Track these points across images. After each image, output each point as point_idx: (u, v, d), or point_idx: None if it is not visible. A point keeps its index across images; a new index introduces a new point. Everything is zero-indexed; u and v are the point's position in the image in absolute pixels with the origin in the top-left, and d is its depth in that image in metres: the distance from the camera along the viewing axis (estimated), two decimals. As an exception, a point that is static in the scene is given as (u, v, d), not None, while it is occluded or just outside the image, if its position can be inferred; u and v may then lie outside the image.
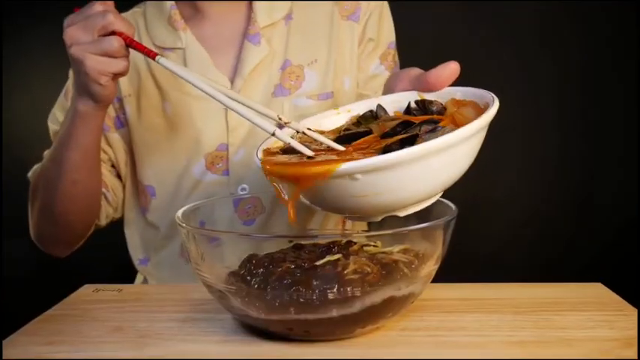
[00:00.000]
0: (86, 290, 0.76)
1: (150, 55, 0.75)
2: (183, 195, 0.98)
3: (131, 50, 0.78)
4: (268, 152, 0.65)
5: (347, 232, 0.76)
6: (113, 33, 0.77)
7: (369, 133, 0.64)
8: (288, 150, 0.64)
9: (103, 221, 1.01)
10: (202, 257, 0.60)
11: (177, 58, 0.97)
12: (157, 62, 0.73)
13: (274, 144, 0.67)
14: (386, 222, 0.62)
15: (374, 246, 0.63)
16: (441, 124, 0.61)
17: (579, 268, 1.63)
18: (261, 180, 0.92)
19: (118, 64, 0.78)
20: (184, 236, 0.62)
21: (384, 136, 0.62)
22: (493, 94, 0.63)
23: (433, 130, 0.60)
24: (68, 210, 0.91)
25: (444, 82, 0.67)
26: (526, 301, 0.69)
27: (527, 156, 1.69)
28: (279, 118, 0.67)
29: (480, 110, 0.63)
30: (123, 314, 0.68)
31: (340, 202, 0.57)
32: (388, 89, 0.75)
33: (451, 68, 0.67)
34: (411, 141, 0.58)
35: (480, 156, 0.60)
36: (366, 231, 0.86)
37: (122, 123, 1.00)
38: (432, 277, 0.62)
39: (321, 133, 0.67)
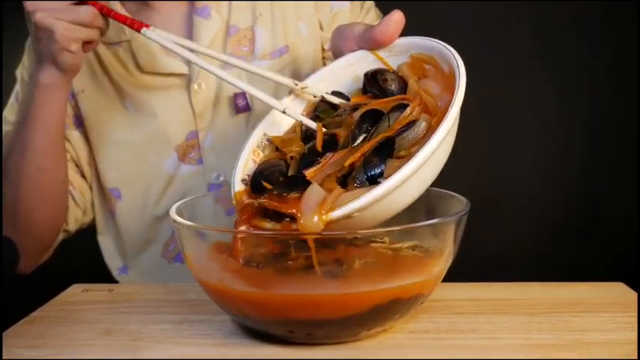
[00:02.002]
0: (75, 290, 0.76)
1: (134, 26, 0.71)
2: (157, 193, 0.96)
3: None
4: (246, 208, 0.62)
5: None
6: (85, 2, 0.74)
7: (333, 142, 0.63)
8: (256, 186, 0.63)
9: (72, 226, 0.98)
10: (199, 256, 0.60)
11: (125, 53, 0.95)
12: (143, 35, 0.70)
13: (244, 171, 0.67)
14: (394, 216, 0.61)
15: (381, 242, 0.62)
16: (410, 108, 0.60)
17: (599, 267, 1.62)
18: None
19: (90, 32, 0.76)
20: (181, 235, 0.61)
21: (353, 138, 0.61)
22: (452, 51, 0.61)
23: (407, 127, 0.59)
24: (34, 206, 0.89)
25: (392, 37, 0.67)
26: (542, 302, 0.68)
27: (543, 152, 1.69)
28: (295, 84, 0.68)
29: (443, 75, 0.63)
30: (114, 316, 0.67)
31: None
32: (335, 49, 0.74)
33: (395, 20, 0.66)
34: (389, 146, 0.58)
35: (494, 151, 0.60)
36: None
37: (80, 122, 0.98)
38: (442, 276, 0.61)
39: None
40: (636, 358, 0.56)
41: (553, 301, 0.68)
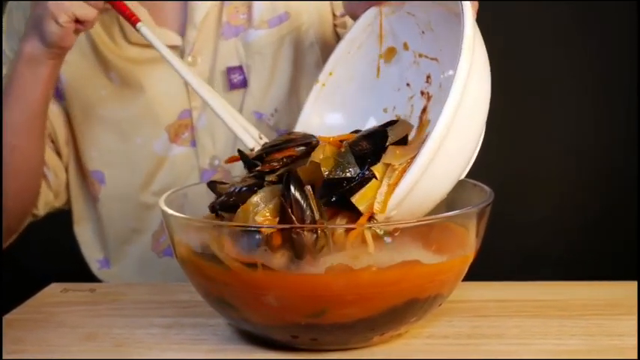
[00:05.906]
0: (53, 290, 0.76)
1: (131, 19, 0.78)
2: (144, 177, 0.96)
3: None
4: None
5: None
6: None
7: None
8: None
9: (42, 210, 0.97)
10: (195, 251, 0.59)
11: (111, 21, 0.94)
12: (138, 30, 0.78)
13: None
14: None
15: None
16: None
17: (636, 264, 1.62)
18: (230, 148, 0.94)
19: (87, 10, 0.77)
20: (178, 229, 0.60)
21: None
22: None
23: (390, 124, 0.60)
24: (4, 190, 0.87)
25: None
26: (574, 303, 0.68)
27: (575, 139, 1.69)
28: (260, 137, 0.76)
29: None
30: (96, 319, 0.67)
31: None
32: (351, 14, 0.78)
33: None
34: (381, 137, 0.59)
35: (521, 136, 0.59)
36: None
37: (61, 94, 0.97)
38: (463, 275, 0.61)
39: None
40: (636, 358, 0.56)
41: (586, 302, 0.68)
